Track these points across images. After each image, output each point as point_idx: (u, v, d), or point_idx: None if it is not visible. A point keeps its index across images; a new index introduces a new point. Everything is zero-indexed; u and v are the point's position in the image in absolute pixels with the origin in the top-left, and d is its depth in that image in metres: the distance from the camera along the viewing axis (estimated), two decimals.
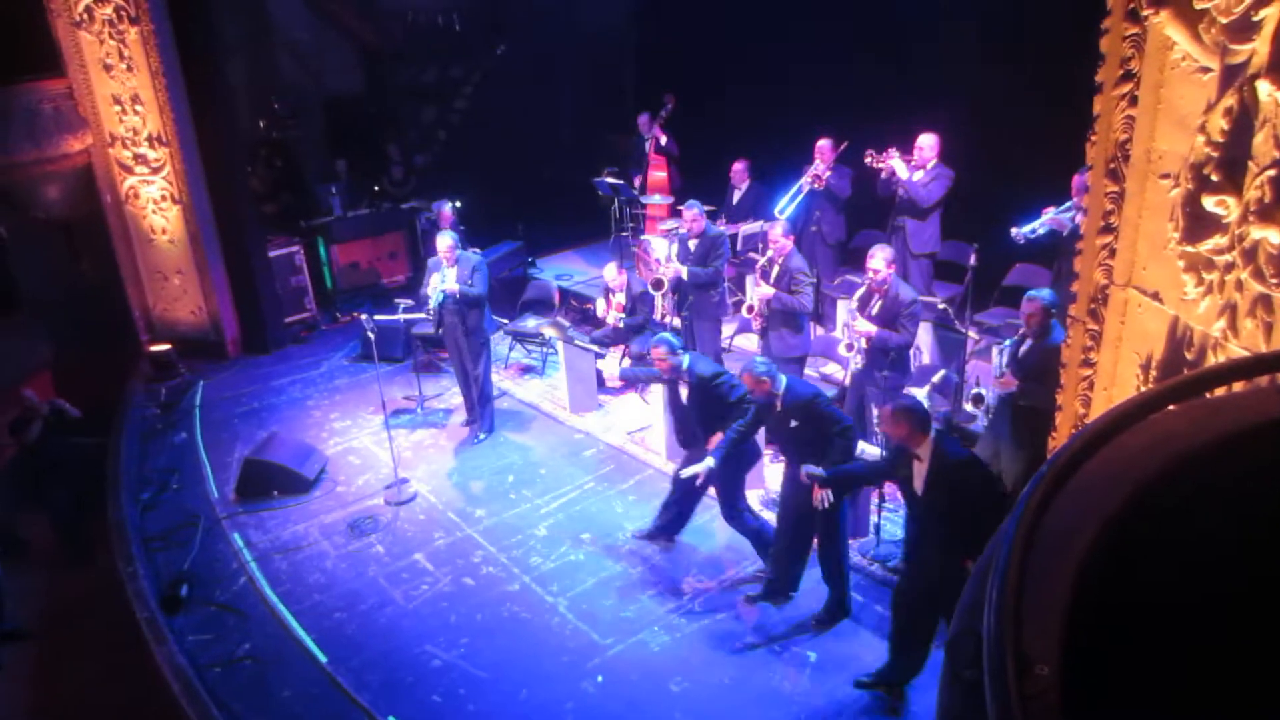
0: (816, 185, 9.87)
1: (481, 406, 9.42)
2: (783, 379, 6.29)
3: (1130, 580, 1.18)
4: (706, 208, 9.47)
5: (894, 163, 9.06)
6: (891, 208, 9.38)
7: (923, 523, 5.39)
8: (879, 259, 7.21)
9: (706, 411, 6.86)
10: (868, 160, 9.15)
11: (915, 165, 9.10)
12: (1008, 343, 6.64)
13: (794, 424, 6.21)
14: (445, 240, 8.82)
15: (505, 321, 11.29)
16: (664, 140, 12.41)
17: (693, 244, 9.03)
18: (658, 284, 9.58)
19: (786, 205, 10.03)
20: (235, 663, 6.47)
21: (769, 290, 8.11)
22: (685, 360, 6.88)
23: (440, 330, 9.16)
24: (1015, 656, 1.13)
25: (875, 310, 7.35)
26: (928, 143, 9.02)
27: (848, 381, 7.90)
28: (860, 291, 7.55)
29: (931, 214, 9.11)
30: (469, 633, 6.64)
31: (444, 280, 8.79)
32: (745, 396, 6.52)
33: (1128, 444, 1.28)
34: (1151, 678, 1.15)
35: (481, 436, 9.41)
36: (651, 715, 5.81)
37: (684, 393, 6.98)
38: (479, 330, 9.03)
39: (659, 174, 12.64)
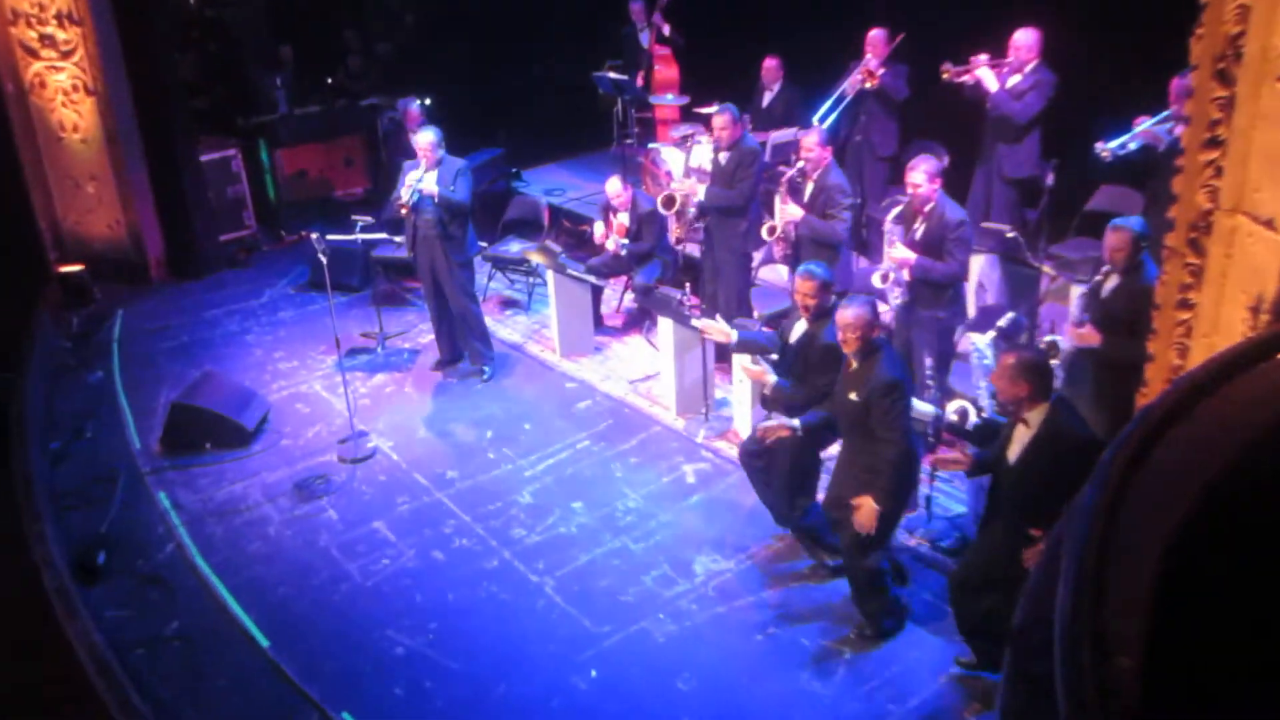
0: (870, 83, 9.78)
1: (480, 341, 9.47)
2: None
3: (1231, 558, 1.19)
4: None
5: (981, 72, 8.91)
6: (980, 116, 9.25)
7: (1003, 500, 5.41)
8: (920, 172, 7.21)
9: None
10: (945, 77, 9.00)
11: (1010, 70, 8.92)
12: (1086, 284, 6.63)
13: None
14: (426, 136, 8.83)
15: (484, 245, 11.28)
16: (667, 30, 12.30)
17: (723, 157, 8.95)
18: (669, 201, 9.54)
19: (830, 111, 9.93)
20: (161, 643, 6.54)
21: (798, 212, 8.09)
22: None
23: (412, 248, 9.14)
24: (1093, 645, 1.15)
25: (918, 234, 7.34)
26: (1025, 40, 8.77)
27: (891, 322, 7.91)
28: (897, 210, 7.54)
29: (1029, 132, 9.01)
30: (438, 616, 6.71)
31: (422, 180, 8.79)
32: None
33: (1232, 397, 1.29)
34: (1244, 672, 1.16)
35: (485, 376, 9.50)
36: (654, 717, 5.89)
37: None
38: (461, 248, 9.04)
39: (668, 70, 12.53)
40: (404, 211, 8.89)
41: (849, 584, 6.37)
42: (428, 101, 12.74)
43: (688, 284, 8.55)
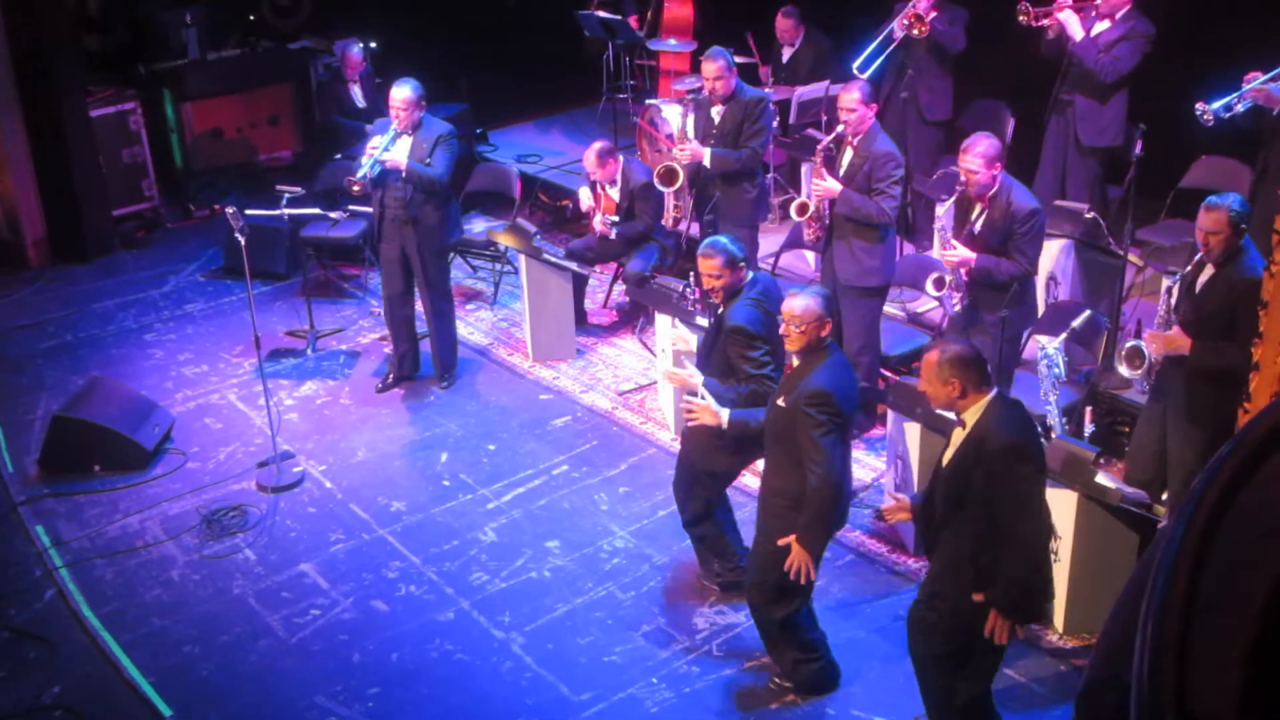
0: (919, 31, 9.80)
1: (447, 351, 9.54)
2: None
3: None
4: (736, 59, 9.38)
5: (1064, 15, 8.95)
6: (1057, 76, 9.29)
7: (933, 514, 5.55)
8: (976, 156, 7.18)
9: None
10: (1022, 20, 9.03)
11: (1098, 15, 8.98)
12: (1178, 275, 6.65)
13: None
14: (401, 92, 8.69)
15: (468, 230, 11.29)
16: None
17: (716, 113, 8.97)
18: (669, 175, 9.53)
19: (873, 58, 9.91)
20: (39, 714, 6.53)
21: (835, 186, 8.10)
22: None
23: (378, 233, 9.09)
24: (1176, 716, 1.17)
25: (978, 227, 7.36)
26: None
27: (945, 325, 7.94)
28: (952, 200, 7.55)
29: (1116, 92, 9.06)
30: (379, 679, 6.72)
31: (389, 147, 8.66)
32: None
33: None
34: None
35: (445, 385, 9.57)
36: None
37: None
38: (437, 234, 9.05)
39: (681, 8, 12.56)
40: (355, 189, 8.74)
41: (756, 627, 6.51)
42: (373, 45, 12.78)
43: (692, 273, 8.57)
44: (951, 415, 5.44)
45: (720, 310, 6.67)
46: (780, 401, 5.93)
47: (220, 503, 8.27)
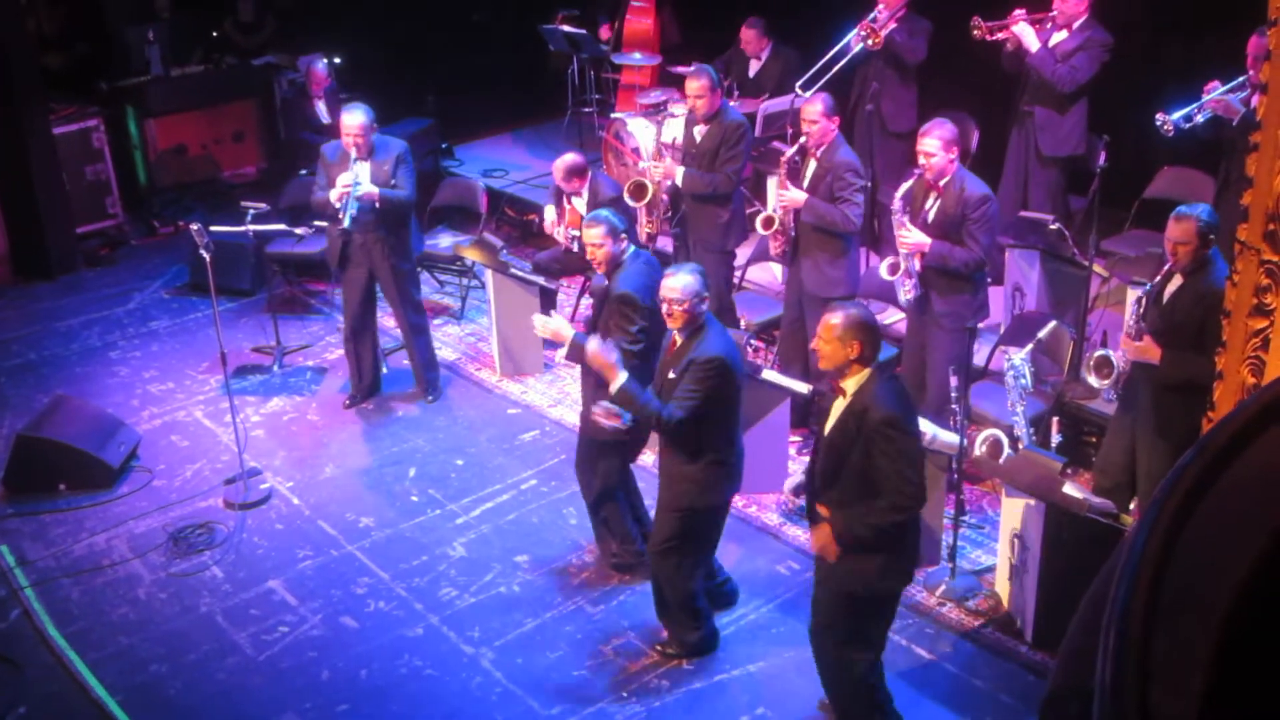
0: (873, 42, 9.86)
1: (429, 369, 9.57)
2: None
3: None
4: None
5: (1020, 28, 9.02)
6: (1017, 86, 9.36)
7: (815, 484, 5.77)
8: (934, 139, 7.31)
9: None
10: (976, 34, 9.10)
11: (1054, 26, 9.05)
12: (1147, 286, 6.69)
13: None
14: (355, 119, 8.62)
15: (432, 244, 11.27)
16: None
17: (699, 131, 8.99)
18: (639, 189, 9.53)
19: (817, 77, 9.92)
20: None
21: (799, 195, 8.14)
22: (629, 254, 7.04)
23: (344, 254, 9.03)
24: None
25: (931, 214, 7.42)
26: None
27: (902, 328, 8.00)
28: (906, 186, 7.61)
29: (1075, 102, 9.13)
30: (349, 697, 6.70)
31: (357, 182, 8.61)
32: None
33: None
34: None
35: (430, 399, 9.59)
36: None
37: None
38: (405, 250, 9.05)
39: (642, 21, 12.60)
40: (338, 226, 8.71)
41: (654, 594, 6.80)
42: (337, 60, 12.75)
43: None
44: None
45: (606, 281, 6.96)
46: (671, 375, 6.21)
47: (187, 520, 8.24)
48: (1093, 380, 7.02)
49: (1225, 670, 1.19)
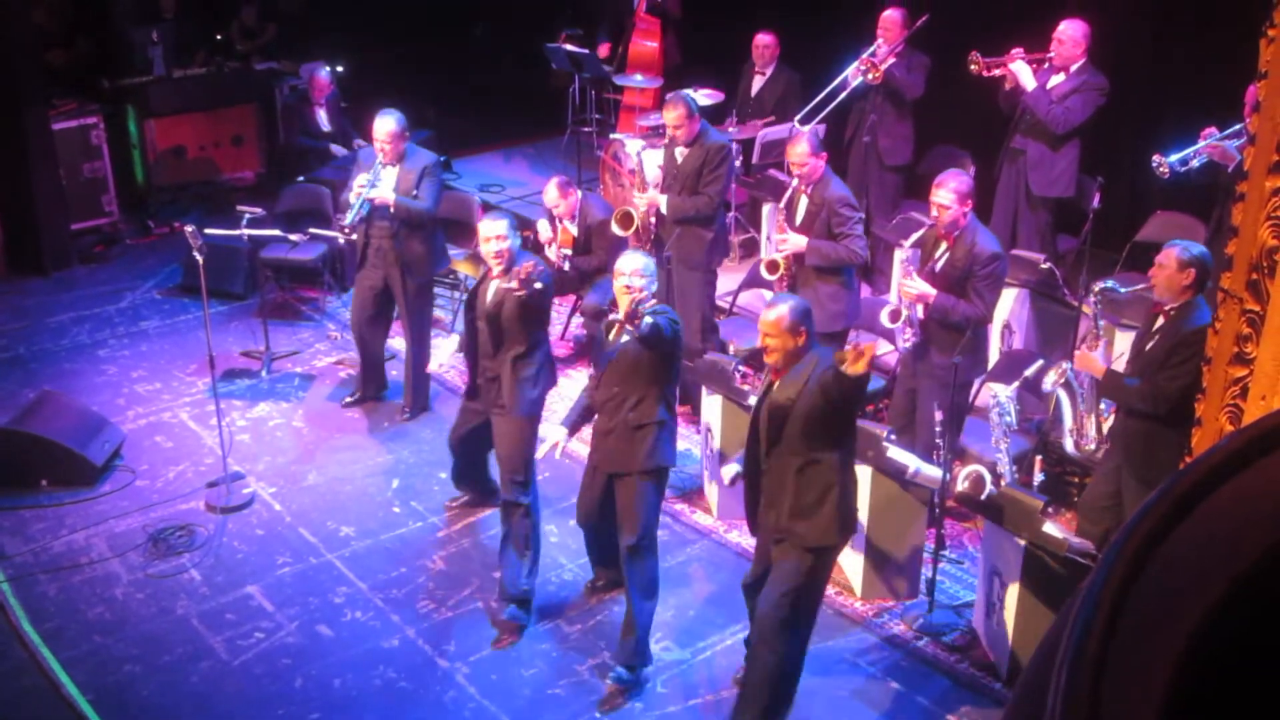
0: (873, 77, 9.91)
1: (420, 387, 9.57)
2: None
3: (1260, 670, 1.22)
4: (704, 97, 9.40)
5: (1016, 67, 9.07)
6: (1010, 123, 9.39)
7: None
8: (949, 190, 7.25)
9: None
10: (974, 69, 9.13)
11: (1051, 68, 9.10)
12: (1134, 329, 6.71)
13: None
14: (386, 124, 8.69)
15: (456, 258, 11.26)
16: None
17: (680, 153, 9.02)
18: (626, 220, 9.52)
19: (817, 111, 9.98)
20: None
21: (801, 241, 8.14)
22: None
23: (361, 262, 9.09)
24: None
25: (939, 265, 7.42)
26: (1071, 34, 8.97)
27: (897, 368, 7.98)
28: (918, 235, 7.61)
29: (1067, 142, 9.17)
30: (321, 706, 6.69)
31: (375, 183, 8.69)
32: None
33: (1275, 471, 1.31)
34: None
35: (405, 417, 9.56)
36: None
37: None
38: (424, 265, 9.08)
39: (647, 44, 12.62)
40: (347, 235, 8.87)
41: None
42: (340, 68, 12.78)
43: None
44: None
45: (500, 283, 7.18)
46: (624, 339, 6.47)
47: (168, 522, 8.23)
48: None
49: (1174, 716, 1.20)
